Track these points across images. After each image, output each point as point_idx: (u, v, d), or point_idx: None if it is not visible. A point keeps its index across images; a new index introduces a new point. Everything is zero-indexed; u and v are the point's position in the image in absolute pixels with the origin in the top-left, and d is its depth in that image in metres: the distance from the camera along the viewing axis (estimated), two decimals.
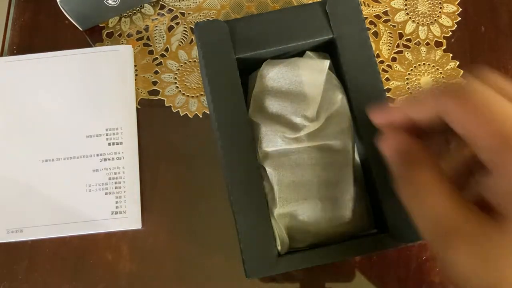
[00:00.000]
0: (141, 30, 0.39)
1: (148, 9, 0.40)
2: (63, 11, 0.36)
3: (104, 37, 0.39)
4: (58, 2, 0.35)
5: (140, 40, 0.39)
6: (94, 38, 0.39)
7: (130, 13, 0.40)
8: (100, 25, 0.39)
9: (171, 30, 0.39)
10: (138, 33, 0.39)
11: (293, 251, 0.28)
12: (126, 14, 0.40)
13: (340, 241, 0.28)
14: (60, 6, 0.35)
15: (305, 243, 0.29)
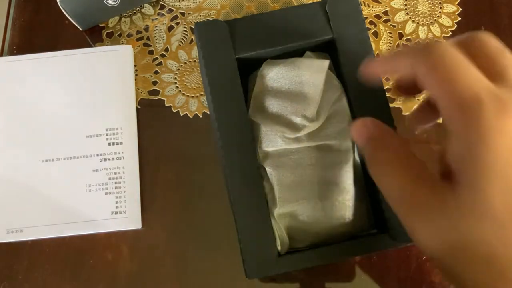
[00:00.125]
0: (141, 30, 0.39)
1: (148, 9, 0.40)
2: (63, 11, 0.36)
3: (104, 37, 0.39)
4: (58, 2, 0.35)
5: (140, 40, 0.39)
6: (94, 38, 0.39)
7: (130, 13, 0.40)
8: (100, 25, 0.39)
9: (171, 30, 0.39)
10: (138, 33, 0.39)
11: (293, 251, 0.28)
12: (126, 14, 0.40)
13: (340, 241, 0.28)
14: (60, 6, 0.35)
15: (305, 243, 0.29)
